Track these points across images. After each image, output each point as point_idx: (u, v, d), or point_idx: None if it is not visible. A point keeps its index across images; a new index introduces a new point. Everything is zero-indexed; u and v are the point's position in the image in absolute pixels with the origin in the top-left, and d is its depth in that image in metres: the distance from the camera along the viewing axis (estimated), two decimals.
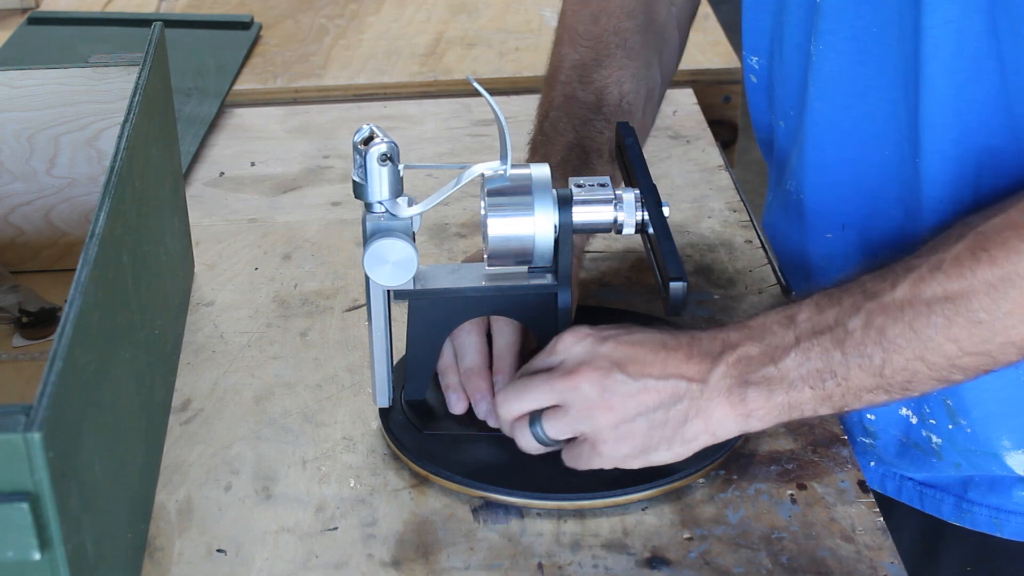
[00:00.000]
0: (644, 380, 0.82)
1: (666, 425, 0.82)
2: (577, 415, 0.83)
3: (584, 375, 0.82)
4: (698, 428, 0.82)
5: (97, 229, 0.77)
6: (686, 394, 0.82)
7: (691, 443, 0.83)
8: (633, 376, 0.82)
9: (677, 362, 0.82)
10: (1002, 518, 0.96)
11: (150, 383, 0.91)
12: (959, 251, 0.78)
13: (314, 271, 1.14)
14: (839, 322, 0.80)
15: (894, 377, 0.79)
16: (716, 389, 0.82)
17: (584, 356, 0.83)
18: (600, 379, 0.82)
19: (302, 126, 1.42)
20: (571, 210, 0.87)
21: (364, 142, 0.84)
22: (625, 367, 0.82)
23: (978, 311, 0.77)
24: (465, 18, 1.67)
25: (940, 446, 0.97)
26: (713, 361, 0.82)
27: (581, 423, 0.83)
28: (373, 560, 0.83)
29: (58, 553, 0.64)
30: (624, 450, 0.83)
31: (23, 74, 1.10)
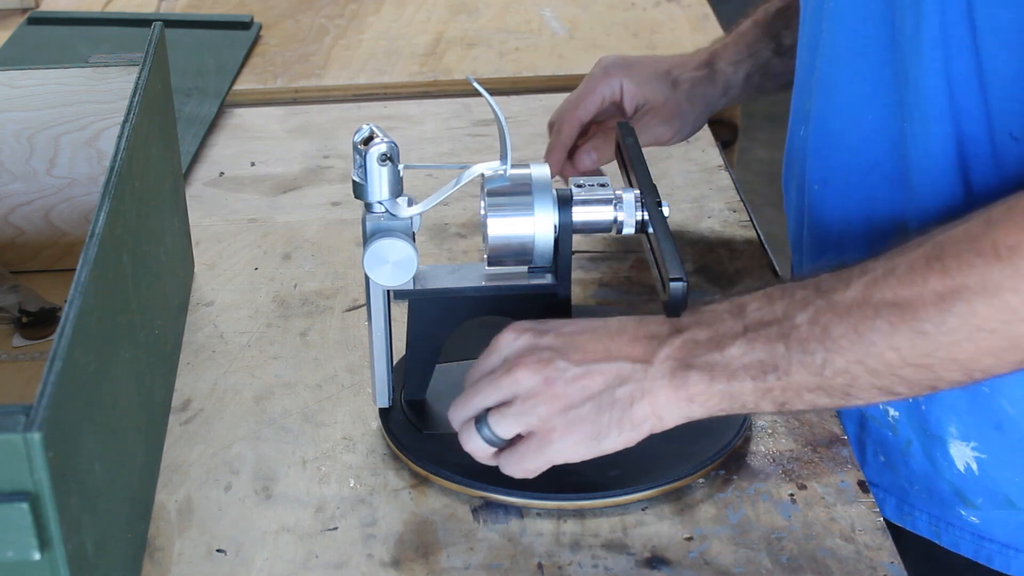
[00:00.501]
0: (587, 365, 0.81)
1: (614, 407, 0.81)
2: (522, 408, 0.81)
3: (525, 367, 0.81)
4: (645, 411, 0.81)
5: (97, 229, 0.77)
6: (631, 375, 0.80)
7: (640, 426, 0.81)
8: (575, 362, 0.81)
9: (621, 344, 0.81)
10: (941, 528, 0.96)
11: (150, 383, 0.91)
12: (915, 258, 0.75)
13: (314, 271, 1.14)
14: (787, 315, 0.78)
15: (834, 379, 0.77)
16: (660, 371, 0.80)
17: (524, 349, 0.82)
18: (541, 368, 0.81)
19: (302, 126, 1.42)
20: (571, 210, 0.87)
21: (364, 142, 0.85)
22: (567, 354, 0.81)
23: (923, 321, 0.74)
24: (465, 18, 1.67)
25: (896, 420, 0.96)
26: (659, 343, 0.81)
27: (527, 415, 0.81)
28: (373, 560, 0.83)
29: (58, 553, 0.64)
30: (575, 437, 0.81)
31: (23, 74, 1.10)
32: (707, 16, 1.64)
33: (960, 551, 0.95)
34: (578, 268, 1.11)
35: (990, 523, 0.93)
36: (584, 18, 1.65)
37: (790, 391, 0.78)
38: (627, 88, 1.12)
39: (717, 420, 0.92)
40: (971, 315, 0.73)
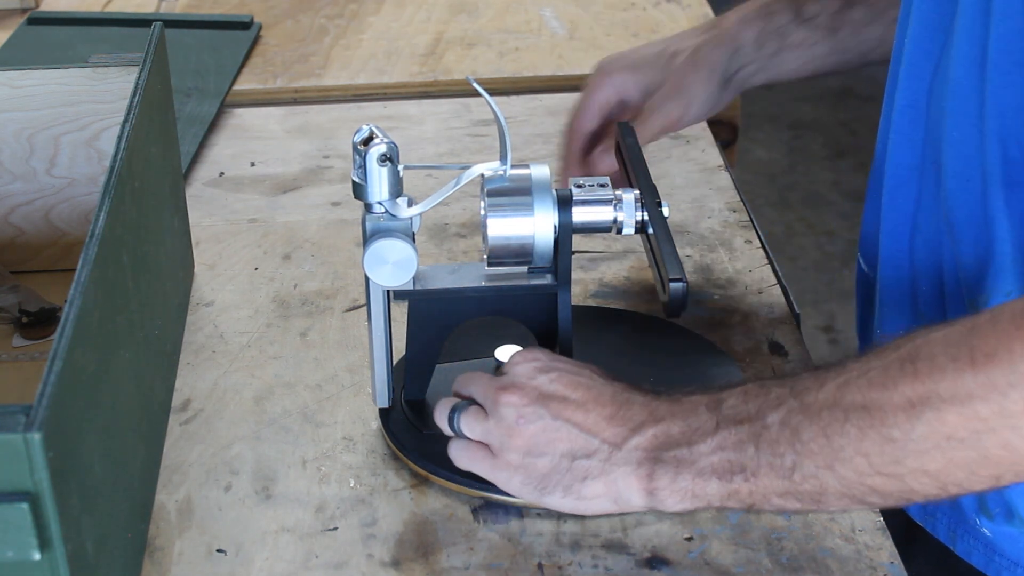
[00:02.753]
0: (560, 423, 0.81)
1: (567, 473, 0.81)
2: (493, 428, 0.83)
3: (510, 396, 0.82)
4: (598, 489, 0.80)
5: (97, 229, 0.77)
6: (596, 453, 0.80)
7: (588, 502, 0.81)
8: (552, 415, 0.81)
9: (599, 419, 0.81)
10: (957, 535, 0.95)
11: (150, 383, 0.91)
12: (890, 360, 0.72)
13: (314, 271, 1.14)
14: (760, 414, 0.76)
15: (803, 484, 0.75)
16: (626, 459, 0.80)
17: (521, 378, 0.83)
18: (521, 406, 0.82)
19: (302, 126, 1.42)
20: (571, 210, 0.87)
21: (364, 142, 0.85)
22: (548, 403, 0.81)
23: (892, 427, 0.71)
24: (465, 18, 1.67)
25: None
26: (632, 430, 0.80)
27: (491, 436, 0.83)
28: (373, 560, 0.83)
29: (58, 553, 0.64)
30: (520, 478, 0.82)
31: (23, 74, 1.10)
32: (707, 16, 1.64)
33: (972, 561, 0.94)
34: (578, 268, 1.11)
35: (1000, 537, 0.92)
36: (584, 18, 1.65)
37: (757, 494, 0.77)
38: (627, 81, 1.09)
39: None
40: (940, 423, 0.70)
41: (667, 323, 1.02)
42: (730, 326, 1.05)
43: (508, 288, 0.90)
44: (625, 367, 0.97)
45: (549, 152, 1.32)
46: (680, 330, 1.02)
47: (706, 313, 1.06)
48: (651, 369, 0.97)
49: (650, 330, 1.03)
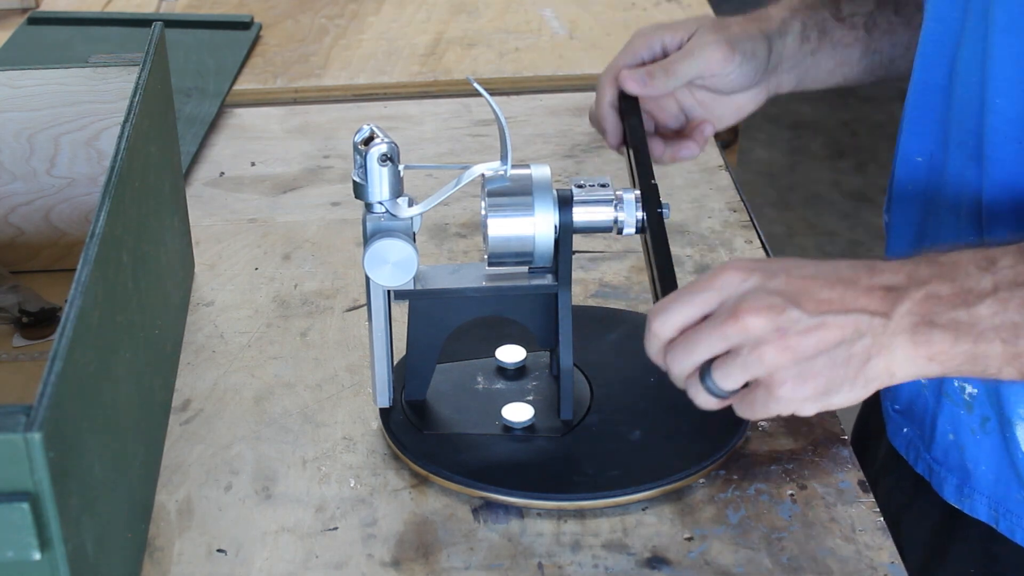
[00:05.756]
0: (823, 316, 0.74)
1: (849, 363, 0.75)
2: (749, 358, 0.75)
3: (754, 313, 0.74)
4: (880, 367, 0.75)
5: (97, 229, 0.77)
6: (869, 330, 0.74)
7: (872, 383, 0.76)
8: (810, 312, 0.74)
9: (857, 295, 0.75)
10: (1000, 513, 0.95)
11: (150, 383, 0.91)
12: None
13: (314, 271, 1.14)
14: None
15: None
16: (900, 326, 0.74)
17: (753, 291, 0.75)
18: (773, 317, 0.74)
19: (302, 126, 1.42)
20: (571, 210, 0.87)
21: (364, 142, 0.85)
22: (800, 302, 0.74)
23: None
24: (465, 18, 1.67)
25: (973, 397, 0.94)
26: (898, 295, 0.75)
27: (754, 366, 0.75)
28: (373, 560, 0.83)
29: (58, 553, 0.64)
30: (804, 392, 0.75)
31: (23, 74, 1.10)
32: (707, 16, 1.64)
33: (1015, 539, 0.94)
34: (578, 268, 1.11)
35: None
36: (584, 18, 1.65)
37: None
38: (668, 40, 1.06)
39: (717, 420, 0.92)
40: None
41: None
42: None
43: (508, 288, 0.90)
44: (625, 367, 0.98)
45: (550, 152, 1.32)
46: None
47: None
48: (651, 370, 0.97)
49: None
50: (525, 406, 0.92)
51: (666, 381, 0.96)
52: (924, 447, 1.00)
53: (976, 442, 0.95)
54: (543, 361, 0.97)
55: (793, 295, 0.75)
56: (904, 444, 1.03)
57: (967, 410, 0.95)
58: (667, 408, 0.94)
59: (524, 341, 0.98)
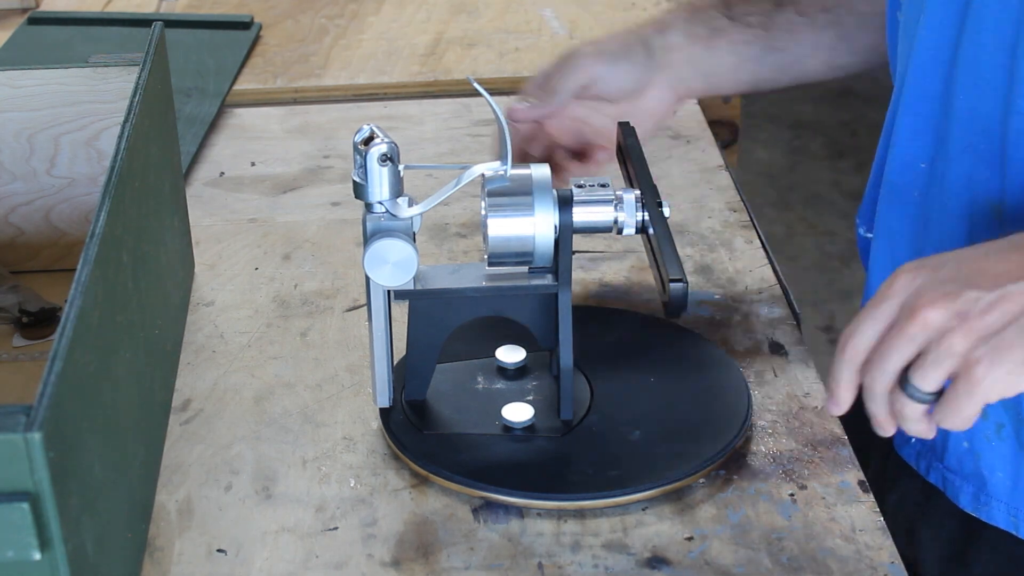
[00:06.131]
0: (1001, 288, 0.72)
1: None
2: (939, 352, 0.72)
3: (931, 306, 0.72)
4: None
5: (97, 229, 0.77)
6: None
7: None
8: (987, 288, 0.72)
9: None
10: (1020, 519, 0.95)
11: (150, 383, 0.91)
12: None
13: (314, 271, 1.14)
14: None
15: None
16: None
17: (925, 291, 0.73)
18: (950, 303, 0.72)
19: (302, 126, 1.42)
20: (571, 210, 0.87)
21: (364, 142, 0.85)
22: (975, 282, 0.72)
23: None
24: (465, 18, 1.67)
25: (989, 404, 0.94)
26: None
27: (946, 359, 0.72)
28: (373, 560, 0.83)
29: (58, 553, 0.64)
30: (1003, 367, 0.72)
31: (23, 74, 1.10)
32: None
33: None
34: (578, 268, 1.11)
35: None
36: (584, 18, 1.65)
37: None
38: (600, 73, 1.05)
39: (717, 420, 0.92)
40: None
41: (667, 323, 1.02)
42: (730, 326, 1.05)
43: (508, 288, 0.90)
44: (625, 368, 0.98)
45: None
46: (680, 330, 1.02)
47: (706, 313, 1.06)
48: (651, 370, 0.97)
49: (650, 330, 1.03)
50: (525, 406, 0.92)
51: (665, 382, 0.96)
52: (936, 457, 1.00)
53: (992, 449, 0.95)
54: (543, 361, 0.97)
55: (966, 277, 0.73)
56: (913, 455, 1.02)
57: (982, 417, 0.95)
58: (667, 408, 0.94)
59: (524, 341, 0.98)
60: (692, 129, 1.37)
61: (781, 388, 0.97)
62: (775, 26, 1.05)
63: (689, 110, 1.41)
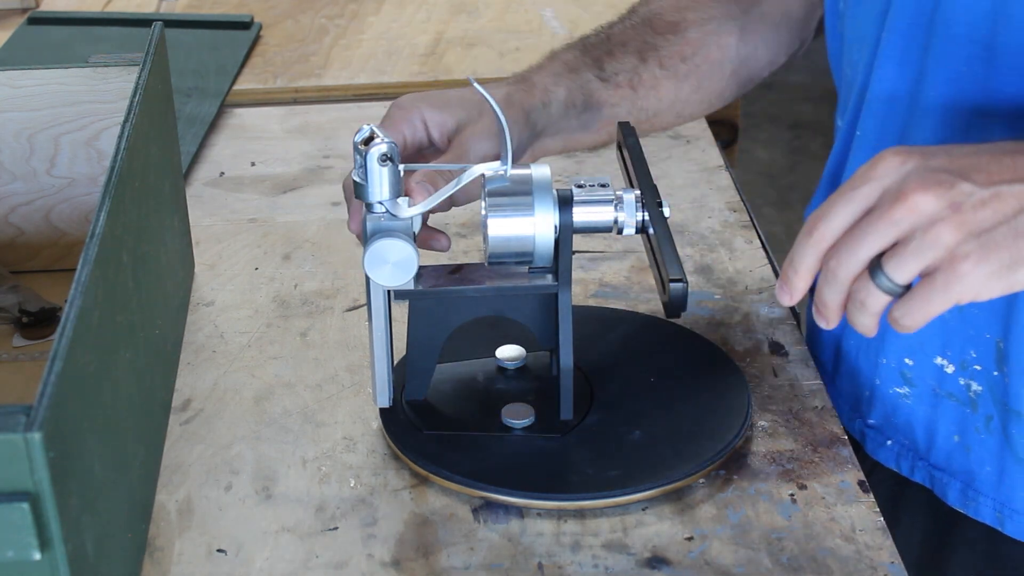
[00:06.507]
0: (996, 187, 0.70)
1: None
2: (923, 241, 0.70)
3: (923, 191, 0.70)
4: None
5: (97, 229, 0.77)
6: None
7: None
8: (982, 184, 0.70)
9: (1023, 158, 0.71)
10: (1005, 514, 0.95)
11: (150, 383, 0.91)
12: None
13: (314, 271, 1.14)
14: None
15: None
16: None
17: (916, 172, 0.71)
18: (944, 192, 0.69)
19: (302, 126, 1.42)
20: (571, 210, 0.87)
21: (364, 142, 0.85)
22: (969, 176, 0.70)
23: None
24: (465, 18, 1.67)
25: (978, 395, 0.94)
26: None
27: (930, 249, 0.70)
28: (373, 560, 0.83)
29: (58, 553, 0.64)
30: (989, 267, 0.69)
31: (23, 74, 1.10)
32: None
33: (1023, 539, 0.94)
34: (578, 268, 1.11)
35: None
36: (584, 18, 1.65)
37: None
38: (429, 117, 0.96)
39: (717, 420, 0.92)
40: None
41: (667, 323, 1.02)
42: (730, 326, 1.05)
43: (508, 288, 0.90)
44: (625, 368, 0.98)
45: None
46: (680, 330, 1.02)
47: (706, 313, 1.06)
48: (651, 370, 0.97)
49: (650, 330, 1.03)
50: (525, 406, 0.92)
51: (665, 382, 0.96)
52: (919, 456, 1.00)
53: (981, 442, 0.95)
54: (543, 361, 0.97)
55: (961, 170, 0.71)
56: (892, 456, 1.02)
57: (972, 408, 0.95)
58: (667, 408, 0.94)
59: (524, 341, 0.98)
60: (692, 129, 1.37)
61: (781, 388, 0.97)
62: (642, 84, 1.05)
63: None
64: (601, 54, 1.05)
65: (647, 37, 1.06)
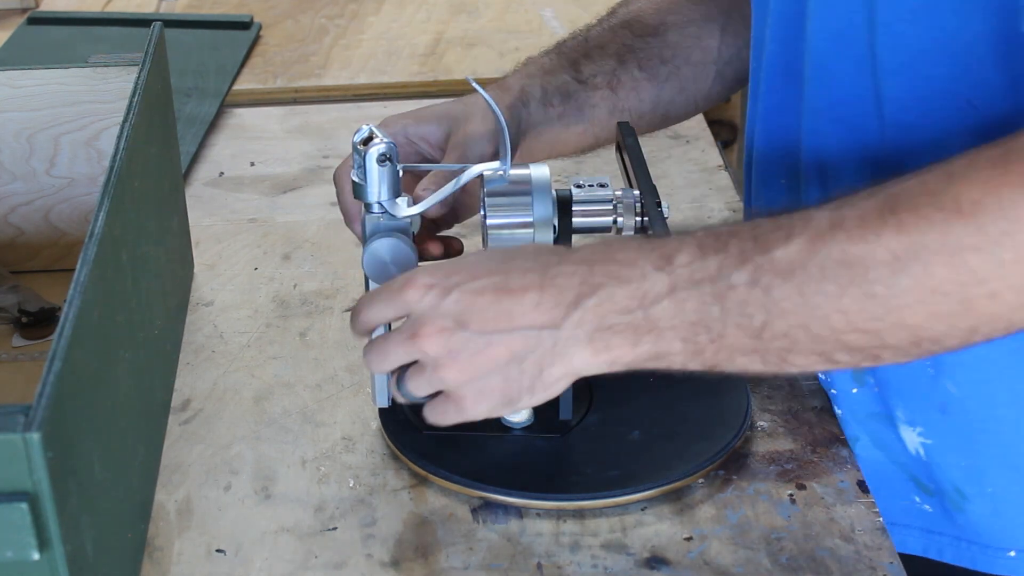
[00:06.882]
0: (489, 336, 0.76)
1: (523, 376, 0.77)
2: (432, 375, 0.78)
3: (428, 337, 0.77)
4: (558, 372, 0.77)
5: (97, 229, 0.77)
6: (538, 344, 0.76)
7: (553, 387, 0.78)
8: (477, 332, 0.76)
9: (525, 310, 0.76)
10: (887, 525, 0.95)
11: (150, 383, 0.91)
12: (866, 210, 0.69)
13: (314, 271, 1.14)
14: (722, 273, 0.72)
15: (772, 343, 0.72)
16: (574, 337, 0.75)
17: (428, 312, 0.77)
18: (445, 340, 0.77)
19: (302, 126, 1.42)
20: (571, 211, 0.87)
21: (363, 142, 0.85)
22: (467, 323, 0.76)
23: (875, 283, 0.68)
24: (465, 18, 1.68)
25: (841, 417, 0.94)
26: (568, 307, 0.75)
27: (437, 383, 0.79)
28: (372, 560, 0.83)
29: (57, 553, 0.64)
30: (485, 405, 0.78)
31: (23, 74, 1.10)
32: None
33: (907, 550, 0.93)
34: None
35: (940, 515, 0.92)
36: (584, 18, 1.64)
37: (722, 353, 0.74)
38: (413, 132, 0.98)
39: (717, 420, 0.92)
40: (927, 276, 0.68)
41: None
42: None
43: None
44: None
45: None
46: None
47: None
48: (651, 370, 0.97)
49: None
50: None
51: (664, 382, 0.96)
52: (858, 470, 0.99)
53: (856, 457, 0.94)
54: None
55: (462, 315, 0.77)
56: None
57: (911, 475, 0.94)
58: (667, 408, 0.94)
59: None
60: (692, 129, 1.37)
61: (781, 388, 0.97)
62: (620, 85, 1.04)
63: None
64: (578, 57, 1.05)
65: (626, 40, 1.06)
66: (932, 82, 0.82)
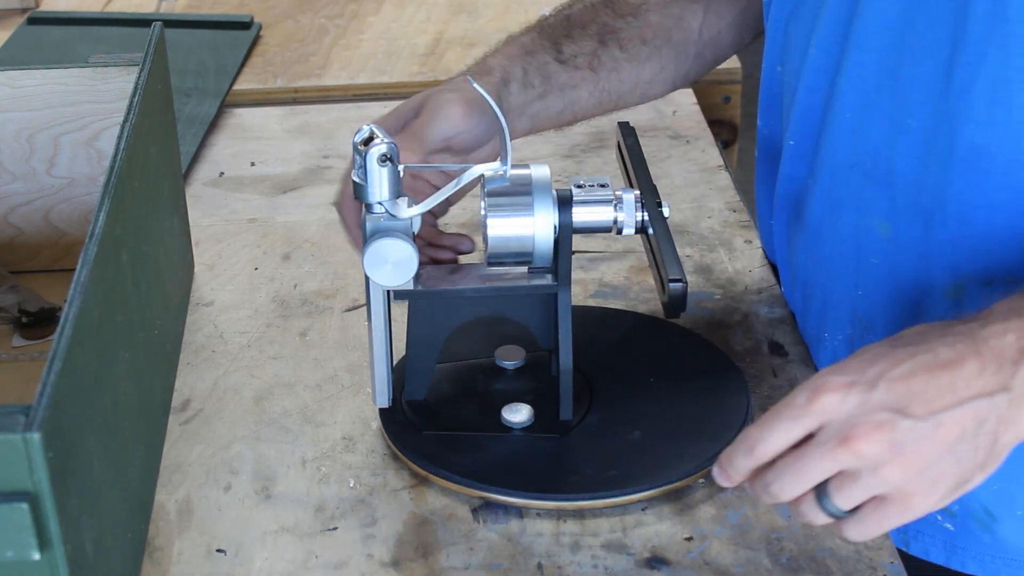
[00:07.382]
0: (936, 416, 0.70)
1: (976, 452, 0.71)
2: (870, 479, 0.70)
3: (864, 437, 0.69)
4: (1011, 438, 0.72)
5: (97, 229, 0.77)
6: (989, 413, 0.70)
7: (1003, 455, 0.73)
8: (922, 416, 0.70)
9: (968, 379, 0.71)
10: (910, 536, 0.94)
11: (150, 383, 0.91)
12: None
13: (314, 271, 1.14)
14: None
15: None
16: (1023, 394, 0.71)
17: (856, 412, 0.70)
18: (885, 435, 0.69)
19: (302, 126, 1.42)
20: (571, 210, 0.87)
21: (364, 143, 0.85)
22: (909, 410, 0.70)
23: None
24: (465, 18, 1.68)
25: None
26: (1013, 363, 0.71)
27: (880, 486, 0.71)
28: (373, 560, 0.83)
29: (57, 553, 0.64)
30: (936, 496, 0.71)
31: (23, 74, 1.10)
32: None
33: (930, 558, 0.93)
34: (578, 268, 1.11)
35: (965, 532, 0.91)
36: None
37: None
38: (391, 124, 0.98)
39: (717, 420, 0.92)
40: None
41: (667, 323, 1.02)
42: (730, 326, 1.05)
43: (508, 288, 0.90)
44: (625, 368, 0.98)
45: (549, 152, 1.32)
46: (680, 330, 1.02)
47: (706, 313, 1.06)
48: (651, 370, 0.97)
49: (650, 330, 1.03)
50: (525, 406, 0.92)
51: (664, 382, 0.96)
52: None
53: None
54: (543, 361, 0.97)
55: (899, 403, 0.70)
56: None
57: None
58: (667, 408, 0.94)
59: (524, 341, 0.98)
60: (692, 129, 1.37)
61: (781, 388, 0.97)
62: (602, 66, 1.04)
63: (689, 110, 1.41)
64: (559, 36, 1.04)
65: (607, 19, 1.05)
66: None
